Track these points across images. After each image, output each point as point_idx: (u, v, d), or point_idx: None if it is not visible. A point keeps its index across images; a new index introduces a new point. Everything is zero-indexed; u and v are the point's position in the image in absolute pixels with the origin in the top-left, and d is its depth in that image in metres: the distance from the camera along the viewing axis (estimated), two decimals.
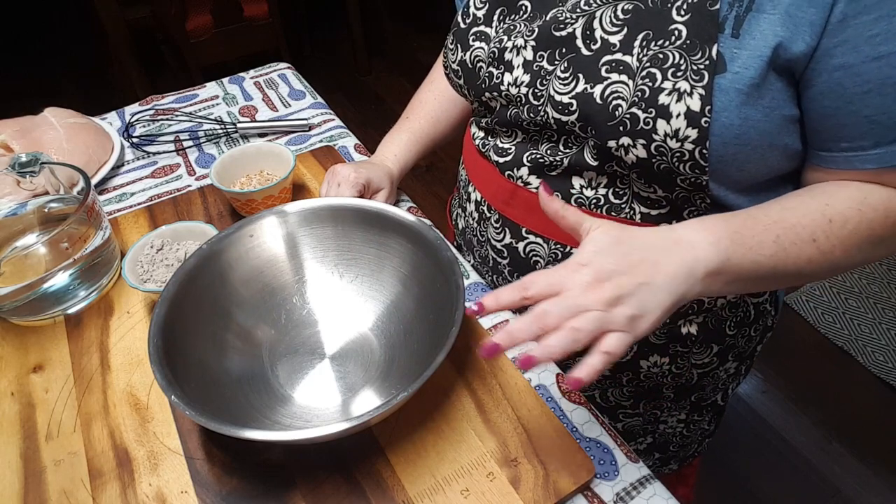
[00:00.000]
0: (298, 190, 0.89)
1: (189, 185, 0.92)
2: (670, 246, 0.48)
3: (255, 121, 1.03)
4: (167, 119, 1.05)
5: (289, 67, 1.20)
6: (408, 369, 0.62)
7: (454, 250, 0.65)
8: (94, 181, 0.90)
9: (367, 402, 0.61)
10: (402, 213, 0.66)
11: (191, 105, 1.10)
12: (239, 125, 1.01)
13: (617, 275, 0.46)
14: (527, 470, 0.56)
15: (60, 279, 0.69)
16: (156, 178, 0.94)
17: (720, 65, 0.49)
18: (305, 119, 1.03)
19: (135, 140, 1.01)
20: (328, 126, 1.04)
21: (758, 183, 0.57)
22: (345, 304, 0.69)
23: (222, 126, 1.03)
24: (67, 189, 0.76)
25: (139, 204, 0.89)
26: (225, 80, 1.17)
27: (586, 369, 0.45)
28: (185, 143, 1.01)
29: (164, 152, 0.99)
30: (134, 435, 0.60)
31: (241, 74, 1.18)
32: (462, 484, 0.55)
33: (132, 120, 1.05)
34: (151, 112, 1.07)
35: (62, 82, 2.97)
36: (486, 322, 0.71)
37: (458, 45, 0.65)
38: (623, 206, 0.61)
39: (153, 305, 0.66)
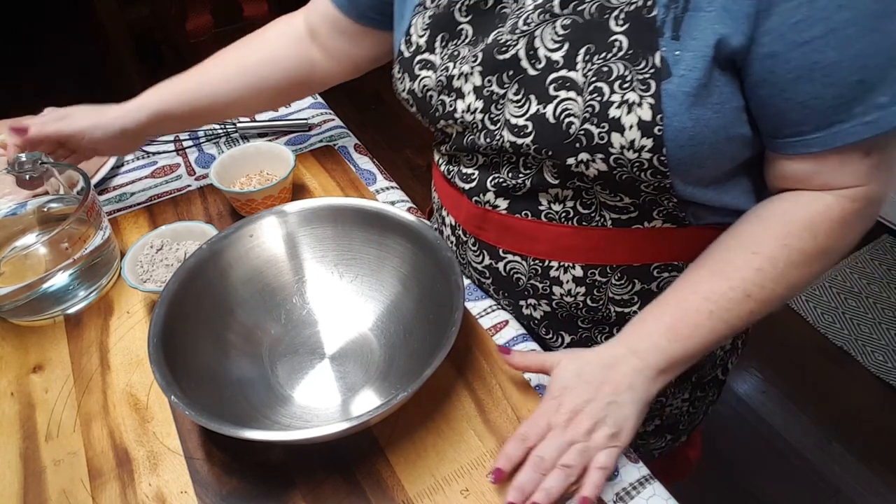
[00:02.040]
0: (298, 190, 0.89)
1: (189, 185, 0.92)
2: (618, 362, 0.55)
3: (255, 121, 1.03)
4: None
5: None
6: (408, 369, 0.62)
7: (454, 250, 0.65)
8: (93, 181, 0.90)
9: (367, 402, 0.61)
10: (402, 213, 0.66)
11: None
12: (239, 125, 1.01)
13: (587, 403, 0.54)
14: None
15: (60, 279, 0.69)
16: (156, 178, 0.94)
17: (664, 71, 0.49)
18: (305, 119, 1.03)
19: None
20: (328, 126, 1.04)
21: (722, 174, 0.57)
22: (345, 304, 0.69)
23: (222, 126, 1.03)
24: (67, 189, 0.76)
25: (139, 204, 0.89)
26: None
27: (590, 488, 0.51)
28: (185, 143, 1.01)
29: (164, 152, 0.99)
30: (134, 435, 0.60)
31: None
32: (462, 484, 0.55)
33: None
34: None
35: (62, 82, 2.97)
36: (486, 322, 0.71)
37: (406, 75, 0.64)
38: (593, 215, 0.61)
39: (153, 305, 0.66)
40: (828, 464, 1.50)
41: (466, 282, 0.75)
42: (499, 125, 0.59)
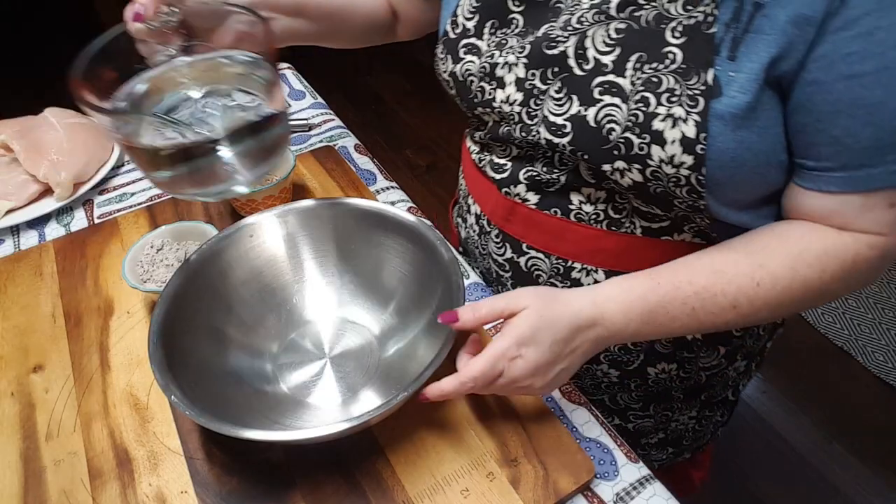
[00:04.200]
0: (298, 190, 0.89)
1: None
2: (587, 327, 0.52)
3: None
4: None
5: (289, 67, 1.20)
6: (408, 369, 0.62)
7: (454, 250, 0.65)
8: (93, 181, 0.90)
9: (367, 402, 0.61)
10: (402, 213, 0.66)
11: None
12: None
13: (547, 366, 0.52)
14: (527, 470, 0.56)
15: (226, 151, 0.54)
16: None
17: (715, 90, 0.48)
18: (305, 119, 1.03)
19: None
20: (328, 126, 1.04)
21: (758, 199, 0.56)
22: (345, 304, 0.69)
23: None
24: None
25: (139, 204, 0.89)
26: None
27: (441, 390, 0.52)
28: None
29: None
30: (134, 435, 0.60)
31: None
32: (462, 484, 0.55)
33: None
34: None
35: (62, 82, 2.97)
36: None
37: (449, 56, 0.63)
38: (623, 220, 0.60)
39: (153, 305, 0.66)
40: (828, 464, 1.50)
41: (467, 282, 0.75)
42: (536, 120, 0.58)
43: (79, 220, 0.87)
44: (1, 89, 2.87)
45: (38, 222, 0.87)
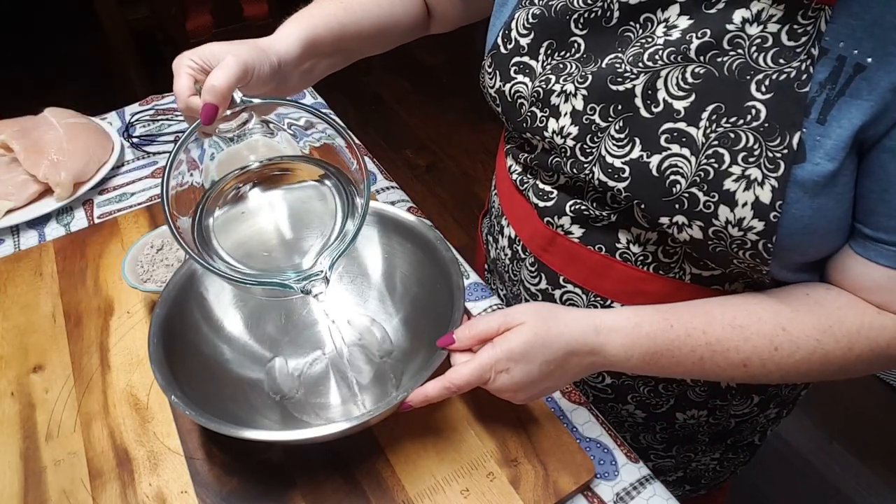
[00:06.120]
0: None
1: None
2: (583, 353, 0.50)
3: None
4: (167, 119, 1.05)
5: None
6: (407, 369, 0.62)
7: (454, 250, 0.65)
8: (93, 181, 0.90)
9: (367, 402, 0.61)
10: (402, 213, 0.66)
11: None
12: None
13: (532, 384, 0.50)
14: (527, 470, 0.56)
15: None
16: (156, 178, 0.94)
17: (800, 155, 0.43)
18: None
19: (135, 140, 1.01)
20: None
21: (820, 260, 0.52)
22: (345, 304, 0.69)
23: None
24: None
25: (139, 204, 0.89)
26: None
27: (427, 393, 0.51)
28: None
29: (164, 152, 0.99)
30: (134, 435, 0.60)
31: None
32: (462, 484, 0.55)
33: (132, 120, 1.05)
34: (151, 112, 1.08)
35: (62, 82, 2.97)
36: None
37: (497, 73, 0.58)
38: (672, 265, 0.56)
39: (153, 305, 0.66)
40: (828, 464, 1.50)
41: (467, 282, 0.75)
42: (591, 159, 0.53)
43: (79, 220, 0.87)
44: (1, 89, 2.87)
45: (38, 222, 0.87)
